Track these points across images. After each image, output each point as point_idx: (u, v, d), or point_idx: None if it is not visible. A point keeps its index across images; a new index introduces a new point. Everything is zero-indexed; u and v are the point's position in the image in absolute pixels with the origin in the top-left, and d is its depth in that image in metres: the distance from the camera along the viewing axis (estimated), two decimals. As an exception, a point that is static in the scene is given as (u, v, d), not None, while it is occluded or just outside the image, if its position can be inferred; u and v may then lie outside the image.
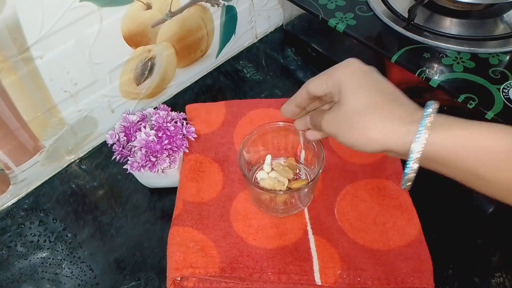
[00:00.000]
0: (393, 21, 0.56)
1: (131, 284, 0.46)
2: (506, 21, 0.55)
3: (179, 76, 0.64)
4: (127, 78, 0.56)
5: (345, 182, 0.50)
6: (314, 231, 0.46)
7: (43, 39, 0.44)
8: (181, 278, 0.43)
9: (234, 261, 0.44)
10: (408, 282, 0.41)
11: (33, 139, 0.51)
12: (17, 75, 0.45)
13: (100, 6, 0.47)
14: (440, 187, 0.48)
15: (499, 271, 0.43)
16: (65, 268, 0.47)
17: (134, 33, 0.53)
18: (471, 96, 0.46)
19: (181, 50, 0.61)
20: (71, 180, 0.56)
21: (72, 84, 0.51)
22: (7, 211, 0.53)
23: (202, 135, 0.56)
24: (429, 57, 0.52)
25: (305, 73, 0.66)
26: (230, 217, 0.48)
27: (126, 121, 0.50)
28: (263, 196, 0.47)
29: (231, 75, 0.68)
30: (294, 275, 0.43)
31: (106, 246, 0.49)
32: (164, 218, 0.51)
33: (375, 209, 0.47)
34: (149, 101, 0.62)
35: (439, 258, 0.43)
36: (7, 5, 0.40)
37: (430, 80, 0.49)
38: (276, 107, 0.58)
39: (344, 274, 0.42)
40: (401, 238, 0.45)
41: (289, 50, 0.70)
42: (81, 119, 0.55)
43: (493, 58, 0.50)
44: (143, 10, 0.52)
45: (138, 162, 0.47)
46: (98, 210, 0.52)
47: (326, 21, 0.59)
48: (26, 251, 0.49)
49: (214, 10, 0.61)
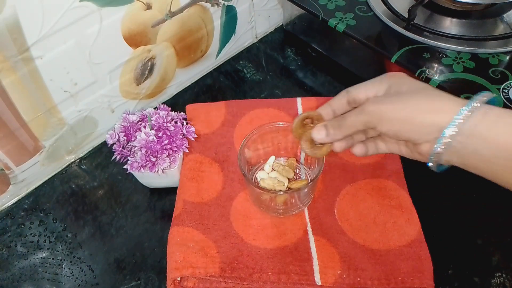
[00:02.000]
0: (393, 21, 0.56)
1: (131, 284, 0.46)
2: (506, 21, 0.55)
3: (179, 76, 0.64)
4: (127, 78, 0.56)
5: (345, 182, 0.50)
6: (314, 231, 0.46)
7: (43, 39, 0.44)
8: (181, 278, 0.43)
9: (234, 261, 0.44)
10: (408, 282, 0.41)
11: (33, 139, 0.51)
12: (17, 75, 0.45)
13: (100, 6, 0.47)
14: (440, 187, 0.48)
15: (499, 271, 0.43)
16: (65, 268, 0.47)
17: (134, 33, 0.53)
18: (471, 96, 0.46)
19: (181, 50, 0.61)
20: (71, 180, 0.56)
21: (72, 84, 0.51)
22: (7, 211, 0.53)
23: (202, 135, 0.56)
24: (429, 57, 0.52)
25: (305, 73, 0.66)
26: (230, 217, 0.48)
27: (126, 121, 0.50)
28: (263, 196, 0.47)
29: (231, 75, 0.68)
30: (294, 275, 0.43)
31: (106, 246, 0.49)
32: (164, 218, 0.51)
33: (375, 209, 0.47)
34: (149, 101, 0.62)
35: (439, 258, 0.43)
36: (7, 5, 0.40)
37: (430, 80, 0.49)
38: (276, 107, 0.58)
39: (344, 274, 0.42)
40: (401, 238, 0.45)
41: (289, 50, 0.70)
42: (81, 119, 0.55)
43: (493, 58, 0.50)
44: (143, 10, 0.52)
45: (138, 162, 0.47)
46: (98, 210, 0.52)
47: (326, 21, 0.59)
48: (26, 251, 0.49)
49: (214, 10, 0.61)
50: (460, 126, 0.31)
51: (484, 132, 0.30)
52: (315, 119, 0.41)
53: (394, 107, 0.34)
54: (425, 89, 0.34)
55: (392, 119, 0.34)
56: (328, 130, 0.38)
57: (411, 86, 0.35)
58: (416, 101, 0.33)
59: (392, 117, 0.34)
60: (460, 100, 0.32)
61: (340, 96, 0.39)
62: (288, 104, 0.58)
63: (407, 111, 0.33)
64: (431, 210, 0.48)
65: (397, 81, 0.36)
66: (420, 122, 0.32)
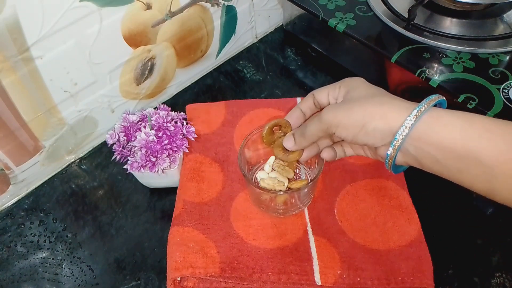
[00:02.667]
0: (393, 21, 0.56)
1: (131, 284, 0.46)
2: (506, 21, 0.55)
3: (179, 76, 0.64)
4: (127, 78, 0.56)
5: (345, 182, 0.50)
6: (314, 231, 0.46)
7: (43, 39, 0.44)
8: (181, 278, 0.43)
9: (234, 261, 0.44)
10: (408, 282, 0.41)
11: (33, 139, 0.51)
12: (17, 75, 0.45)
13: (100, 6, 0.47)
14: (440, 187, 0.48)
15: (499, 271, 0.43)
16: (65, 268, 0.47)
17: (134, 33, 0.53)
18: (471, 96, 0.46)
19: (181, 50, 0.61)
20: (71, 180, 0.56)
21: (72, 84, 0.51)
22: (7, 211, 0.53)
23: (202, 135, 0.56)
24: (429, 57, 0.52)
25: (305, 73, 0.66)
26: (230, 217, 0.48)
27: (126, 121, 0.50)
28: (263, 196, 0.47)
29: (231, 75, 0.68)
30: (294, 275, 0.43)
31: (106, 246, 0.49)
32: (164, 218, 0.51)
33: (375, 209, 0.47)
34: (149, 101, 0.62)
35: (439, 258, 0.43)
36: (7, 5, 0.40)
37: (430, 80, 0.49)
38: (276, 107, 0.58)
39: (344, 274, 0.42)
40: (401, 238, 0.45)
41: (289, 50, 0.70)
42: (81, 119, 0.55)
43: (493, 58, 0.50)
44: (143, 10, 0.52)
45: (138, 162, 0.47)
46: (98, 210, 0.52)
47: (326, 21, 0.59)
48: (26, 251, 0.49)
49: (214, 10, 0.61)
50: (408, 130, 0.32)
51: (431, 134, 0.32)
52: (283, 126, 0.44)
53: (348, 114, 0.35)
54: (378, 95, 0.36)
55: (348, 126, 0.35)
56: (295, 139, 0.42)
57: (367, 91, 0.37)
58: (369, 107, 0.34)
59: (347, 124, 0.35)
60: (410, 105, 0.33)
61: (308, 99, 0.42)
62: (288, 104, 0.58)
63: (360, 117, 0.34)
64: (431, 210, 0.48)
65: (354, 86, 0.38)
66: (373, 128, 0.34)
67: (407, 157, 0.34)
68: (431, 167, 0.33)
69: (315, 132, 0.39)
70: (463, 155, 0.30)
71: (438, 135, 0.31)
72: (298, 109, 0.43)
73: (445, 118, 0.32)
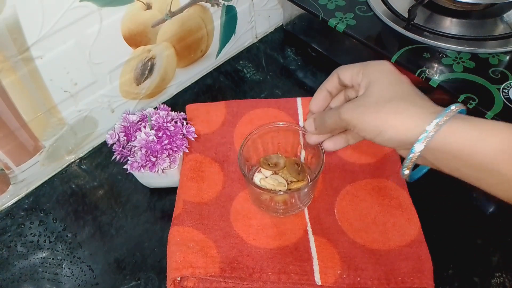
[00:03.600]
0: (393, 21, 0.56)
1: (131, 284, 0.46)
2: (506, 21, 0.55)
3: (179, 76, 0.64)
4: (127, 78, 0.56)
5: (345, 182, 0.50)
6: (314, 231, 0.46)
7: (43, 39, 0.44)
8: (181, 278, 0.43)
9: (234, 261, 0.44)
10: (408, 282, 0.41)
11: (33, 139, 0.51)
12: (17, 75, 0.45)
13: (100, 6, 0.47)
14: (440, 187, 0.48)
15: (499, 271, 0.43)
16: (65, 268, 0.47)
17: (134, 33, 0.53)
18: (471, 96, 0.46)
19: (181, 50, 0.61)
20: (71, 180, 0.56)
21: (72, 84, 0.51)
22: (7, 211, 0.53)
23: (202, 135, 0.56)
24: (429, 57, 0.52)
25: (305, 73, 0.66)
26: (230, 217, 0.48)
27: (126, 121, 0.50)
28: (263, 196, 0.47)
29: (231, 75, 0.68)
30: (294, 275, 0.43)
31: (106, 246, 0.49)
32: (164, 218, 0.51)
33: (375, 209, 0.47)
34: (149, 101, 0.62)
35: (439, 258, 0.43)
36: (7, 5, 0.40)
37: (430, 80, 0.49)
38: (276, 107, 0.58)
39: (344, 274, 0.42)
40: (401, 238, 0.45)
41: (289, 50, 0.70)
42: (81, 119, 0.55)
43: (493, 58, 0.50)
44: (143, 10, 0.52)
45: (138, 162, 0.47)
46: (98, 210, 0.52)
47: (326, 21, 0.59)
48: (26, 251, 0.49)
49: (214, 10, 0.61)
50: (425, 145, 0.31)
51: (448, 146, 0.31)
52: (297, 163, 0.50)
53: (364, 120, 0.35)
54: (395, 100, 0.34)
55: (366, 129, 0.35)
56: (315, 124, 0.41)
57: (388, 90, 0.35)
58: (384, 115, 0.33)
59: (365, 128, 0.35)
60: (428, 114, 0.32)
61: (333, 78, 0.41)
62: (288, 104, 0.58)
63: (376, 125, 0.34)
64: (431, 210, 0.48)
65: (376, 79, 0.36)
66: (389, 138, 0.33)
67: (425, 161, 0.34)
68: (449, 173, 0.33)
69: (333, 126, 0.39)
70: (481, 167, 0.30)
71: (455, 146, 0.31)
72: (325, 89, 0.42)
73: (462, 128, 0.31)
